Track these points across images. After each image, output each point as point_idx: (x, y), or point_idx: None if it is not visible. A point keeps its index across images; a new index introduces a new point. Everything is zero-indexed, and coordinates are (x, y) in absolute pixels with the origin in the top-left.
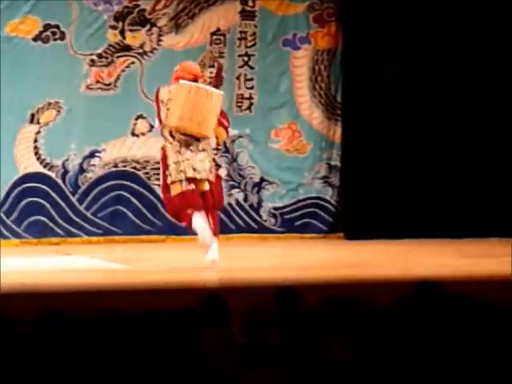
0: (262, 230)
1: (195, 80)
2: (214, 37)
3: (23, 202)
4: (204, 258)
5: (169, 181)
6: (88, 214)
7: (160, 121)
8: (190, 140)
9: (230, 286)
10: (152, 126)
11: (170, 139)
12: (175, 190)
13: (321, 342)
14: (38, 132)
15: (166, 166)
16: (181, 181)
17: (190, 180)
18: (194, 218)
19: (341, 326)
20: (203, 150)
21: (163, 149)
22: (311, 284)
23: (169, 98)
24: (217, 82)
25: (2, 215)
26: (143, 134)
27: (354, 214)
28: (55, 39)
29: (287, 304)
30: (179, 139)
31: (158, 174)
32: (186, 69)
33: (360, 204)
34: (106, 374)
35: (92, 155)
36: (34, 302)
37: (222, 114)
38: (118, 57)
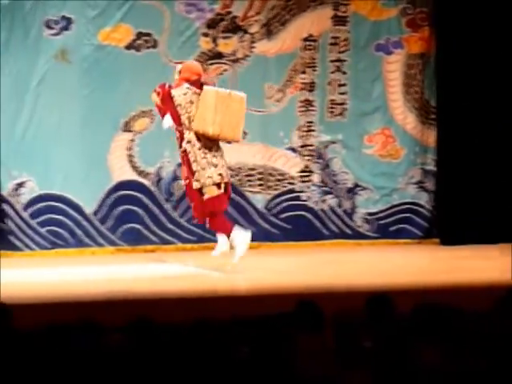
0: (356, 235)
1: (199, 79)
2: (306, 43)
3: (118, 210)
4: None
5: (197, 186)
6: (182, 221)
7: (179, 123)
8: (214, 144)
9: (323, 291)
10: (245, 133)
11: (198, 144)
12: (210, 193)
13: (413, 347)
14: (132, 140)
15: (191, 171)
16: (213, 185)
17: (217, 185)
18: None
19: (435, 332)
20: (222, 155)
21: (186, 152)
22: (405, 290)
23: (189, 100)
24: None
25: (97, 223)
26: None
27: (449, 219)
28: (148, 47)
29: (379, 309)
30: (205, 144)
31: (252, 180)
32: (190, 69)
33: (455, 209)
34: (199, 380)
35: None
36: (127, 309)
37: None
38: (210, 64)
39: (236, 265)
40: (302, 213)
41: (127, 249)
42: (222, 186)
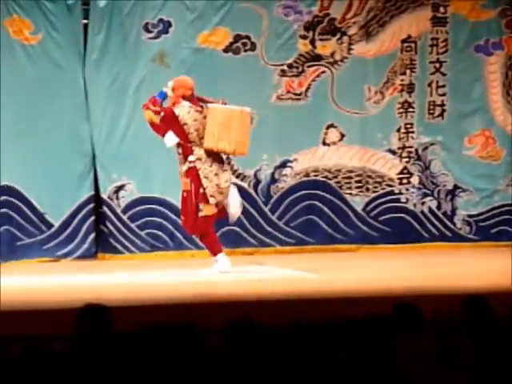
0: (456, 238)
1: (192, 93)
2: (405, 44)
3: None
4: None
5: (213, 201)
6: (280, 224)
7: (188, 141)
8: (221, 159)
9: (421, 293)
10: (343, 135)
11: (208, 161)
12: (207, 211)
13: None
14: None
15: (198, 186)
16: (212, 204)
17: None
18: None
19: None
20: (228, 169)
21: (196, 169)
22: (506, 292)
23: (194, 119)
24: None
25: None
26: (334, 143)
27: None
28: (246, 50)
29: (477, 311)
30: (214, 160)
31: (350, 182)
32: (184, 85)
33: None
34: (297, 381)
35: (283, 165)
36: (225, 312)
37: None
38: (308, 66)
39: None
40: (402, 215)
41: (226, 251)
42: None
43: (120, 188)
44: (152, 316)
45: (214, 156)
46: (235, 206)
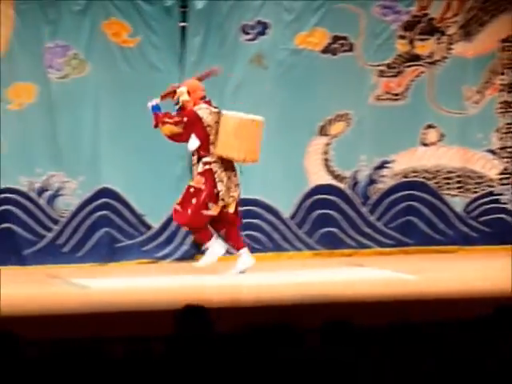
0: None
1: (205, 96)
2: (505, 44)
3: (314, 214)
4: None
5: (221, 204)
6: (379, 225)
7: (209, 143)
8: (233, 165)
9: None
10: (442, 136)
11: (223, 166)
12: (214, 211)
13: None
14: (328, 144)
15: (213, 188)
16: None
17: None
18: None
19: None
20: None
21: (212, 171)
22: None
23: (215, 121)
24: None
25: (295, 227)
26: (433, 143)
27: None
28: (344, 51)
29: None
30: (228, 165)
31: (450, 183)
32: (198, 87)
33: None
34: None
35: (382, 166)
36: (324, 313)
37: None
38: (407, 66)
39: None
40: (502, 216)
41: (324, 253)
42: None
43: None
44: (250, 317)
45: (228, 161)
46: (212, 254)
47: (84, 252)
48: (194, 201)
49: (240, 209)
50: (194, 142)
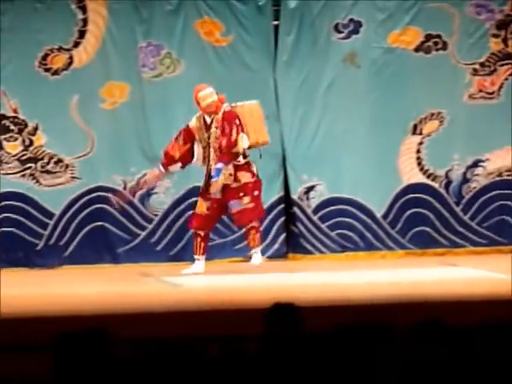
0: None
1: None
2: None
3: (407, 213)
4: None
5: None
6: (473, 224)
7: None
8: None
9: None
10: None
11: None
12: None
13: None
14: (421, 143)
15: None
16: None
17: None
18: None
19: None
20: None
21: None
22: None
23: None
24: None
25: (387, 226)
26: None
27: None
28: (437, 49)
29: None
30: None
31: None
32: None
33: None
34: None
35: (475, 165)
36: (417, 312)
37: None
38: (501, 65)
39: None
40: None
41: (417, 252)
42: None
43: (310, 189)
44: (342, 316)
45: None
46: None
47: (176, 250)
48: (256, 193)
49: (331, 208)
50: (246, 139)
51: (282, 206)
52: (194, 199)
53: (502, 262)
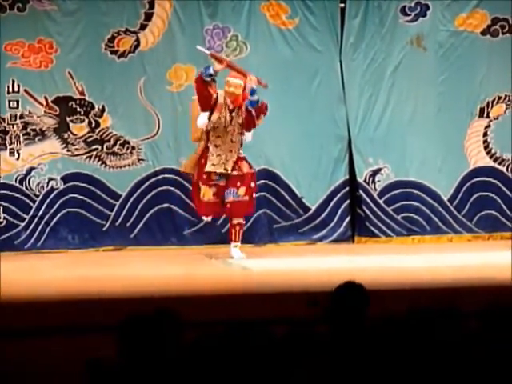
0: None
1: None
2: None
3: (474, 197)
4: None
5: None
6: None
7: None
8: None
9: None
10: None
11: None
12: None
13: None
14: (488, 126)
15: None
16: None
17: None
18: None
19: None
20: None
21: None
22: None
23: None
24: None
25: (454, 210)
26: None
27: None
28: (504, 33)
29: None
30: None
31: None
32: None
33: None
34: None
35: None
36: (482, 296)
37: None
38: None
39: None
40: None
41: (484, 236)
42: None
43: (376, 172)
44: (409, 300)
45: None
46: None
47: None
48: (252, 184)
49: (397, 192)
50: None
51: (348, 189)
52: (261, 181)
53: None
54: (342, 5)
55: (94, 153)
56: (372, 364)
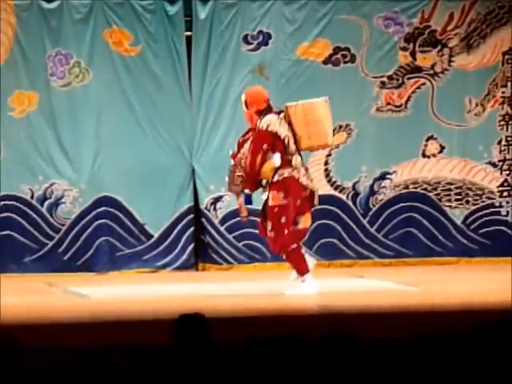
0: None
1: (269, 105)
2: (506, 56)
3: (314, 224)
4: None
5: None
6: (379, 236)
7: (286, 153)
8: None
9: None
10: (443, 147)
11: (304, 167)
12: (306, 223)
13: None
14: (329, 155)
15: (296, 198)
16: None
17: None
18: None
19: None
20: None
21: (294, 179)
22: None
23: (287, 128)
24: None
25: None
26: (434, 155)
27: None
28: (345, 62)
29: None
30: (302, 164)
31: (450, 195)
32: (257, 99)
33: None
34: None
35: (383, 177)
36: (324, 323)
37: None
38: (408, 78)
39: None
40: (502, 228)
41: (324, 263)
42: None
43: (218, 199)
44: (249, 328)
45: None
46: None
47: (84, 260)
48: (283, 220)
49: (238, 219)
50: (278, 159)
51: (191, 216)
52: (102, 209)
53: (408, 274)
54: (189, 33)
55: None
56: None
